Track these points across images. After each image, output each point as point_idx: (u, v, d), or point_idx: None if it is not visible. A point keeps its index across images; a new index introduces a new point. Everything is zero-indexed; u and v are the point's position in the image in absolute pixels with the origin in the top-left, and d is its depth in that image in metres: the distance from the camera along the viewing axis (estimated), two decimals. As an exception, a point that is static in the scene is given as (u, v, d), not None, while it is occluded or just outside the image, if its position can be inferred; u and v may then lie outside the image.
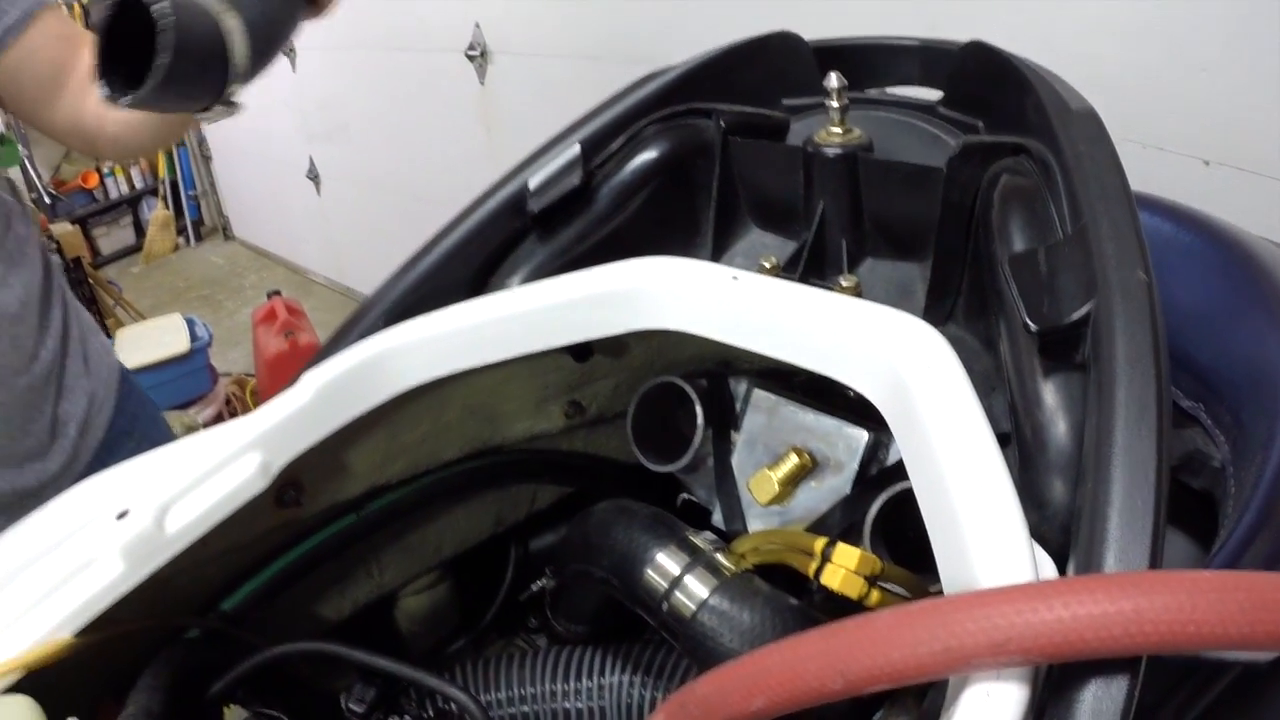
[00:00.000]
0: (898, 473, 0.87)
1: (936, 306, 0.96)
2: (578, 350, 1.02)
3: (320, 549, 1.00)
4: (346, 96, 5.13)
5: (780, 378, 0.98)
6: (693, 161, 1.11)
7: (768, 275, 0.93)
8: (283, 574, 0.99)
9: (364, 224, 5.69)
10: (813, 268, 1.04)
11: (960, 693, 0.52)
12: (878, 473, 0.92)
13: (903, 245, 1.00)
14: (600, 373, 1.10)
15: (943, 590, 0.63)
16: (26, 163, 6.84)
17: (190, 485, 0.84)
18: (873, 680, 0.50)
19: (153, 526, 0.80)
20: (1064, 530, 0.66)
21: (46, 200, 7.18)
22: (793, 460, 0.93)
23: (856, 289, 0.98)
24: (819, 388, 0.81)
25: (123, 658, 0.86)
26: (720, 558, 0.86)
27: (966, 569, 0.58)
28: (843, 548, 0.78)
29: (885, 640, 0.50)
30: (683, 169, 1.11)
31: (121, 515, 0.81)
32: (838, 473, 0.93)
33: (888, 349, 0.73)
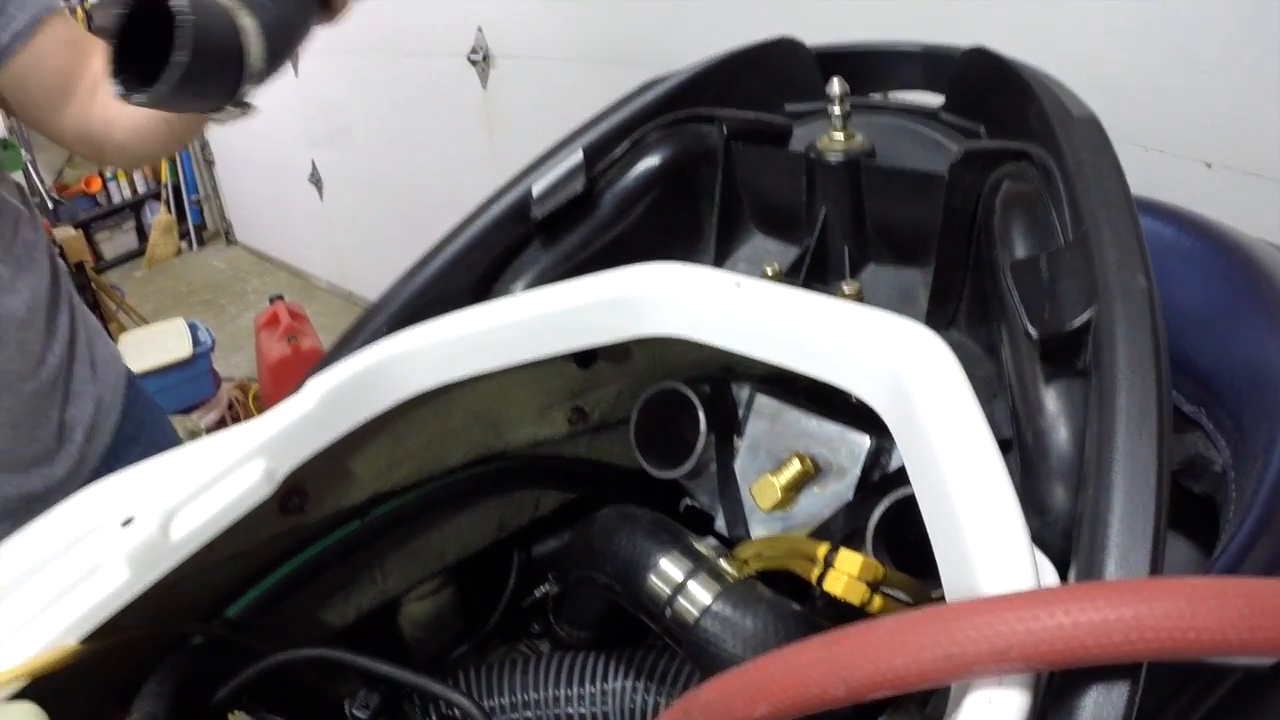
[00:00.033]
0: (900, 478, 0.87)
1: (938, 312, 0.96)
2: (581, 356, 1.03)
3: (324, 555, 1.01)
4: (349, 101, 5.13)
5: (783, 383, 0.98)
6: (696, 167, 1.11)
7: (771, 281, 0.93)
8: (287, 580, 0.99)
9: (366, 228, 5.69)
10: (815, 273, 1.04)
11: (962, 699, 0.52)
12: (880, 478, 0.92)
13: (905, 251, 1.00)
14: (603, 379, 1.10)
15: (944, 596, 0.64)
16: (30, 167, 6.85)
17: (195, 492, 0.84)
18: (875, 687, 0.50)
19: (158, 533, 0.81)
20: (1065, 536, 0.66)
21: (49, 205, 7.18)
22: (795, 466, 0.93)
23: (859, 295, 0.98)
24: (822, 393, 0.81)
25: (127, 664, 0.87)
26: (723, 564, 0.86)
27: (968, 575, 0.59)
28: (845, 554, 0.78)
29: (887, 647, 0.50)
30: (685, 175, 1.11)
31: (127, 522, 0.82)
32: (840, 478, 0.93)
33: (890, 355, 0.74)
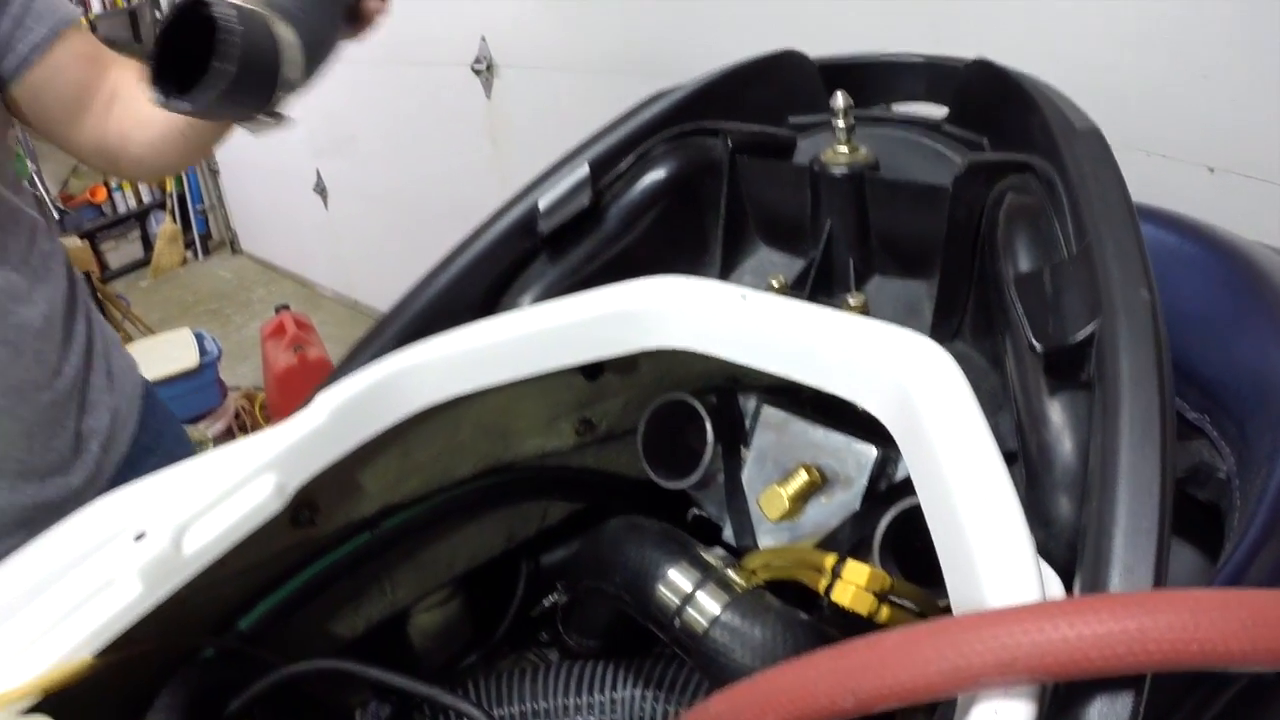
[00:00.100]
0: (906, 488, 0.87)
1: (943, 324, 0.96)
2: (588, 369, 1.03)
3: (335, 567, 1.01)
4: (353, 110, 5.13)
5: (789, 393, 0.99)
6: (701, 180, 1.12)
7: (776, 294, 0.93)
8: (298, 592, 0.99)
9: (371, 237, 5.69)
10: (821, 286, 1.04)
11: (968, 711, 0.52)
12: (886, 488, 0.93)
13: (909, 263, 1.01)
14: (610, 390, 1.11)
15: (951, 606, 0.64)
16: (35, 177, 6.86)
17: (207, 507, 0.84)
18: (883, 699, 0.51)
19: (170, 548, 0.81)
20: (1070, 547, 0.67)
21: (55, 215, 7.19)
22: (802, 477, 0.94)
23: (864, 307, 0.99)
24: (828, 403, 0.81)
25: (140, 678, 0.87)
26: (731, 574, 0.87)
27: (974, 587, 0.59)
28: (853, 564, 0.79)
29: (895, 660, 0.51)
30: (691, 188, 1.12)
31: (139, 537, 0.82)
32: (847, 488, 0.94)
33: (895, 367, 0.74)
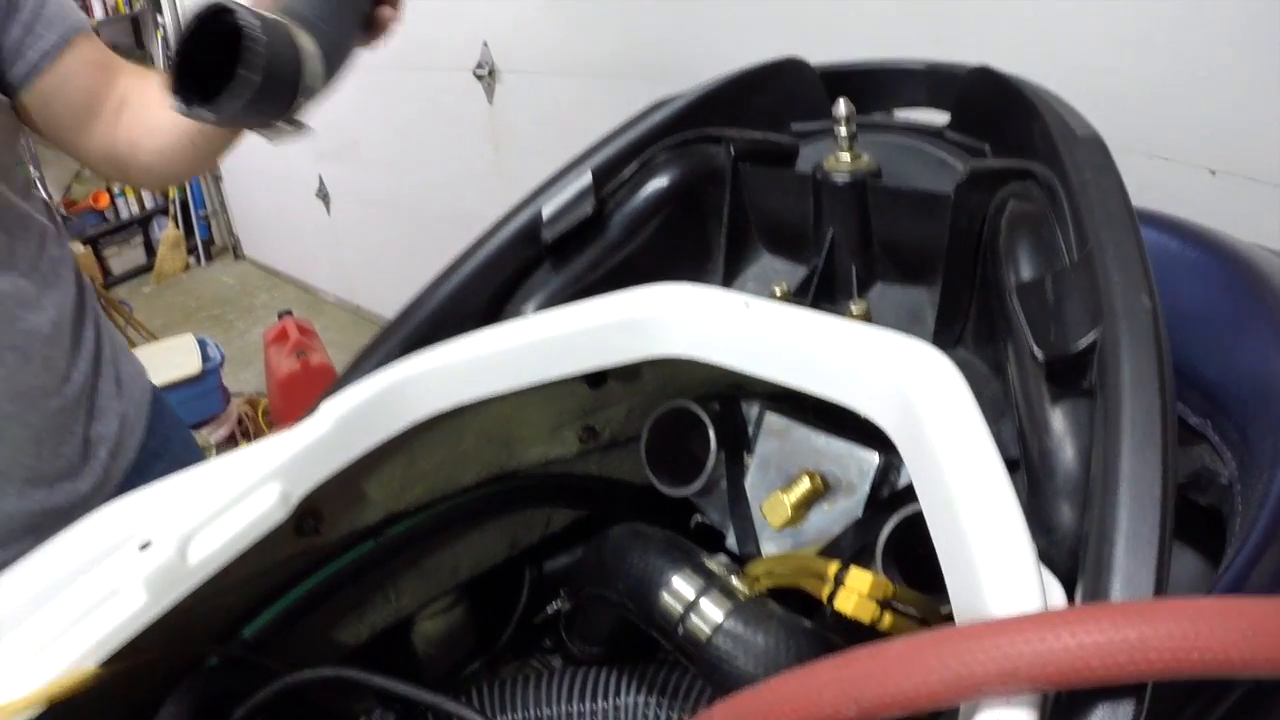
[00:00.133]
0: (909, 495, 0.87)
1: (945, 331, 0.96)
2: (592, 377, 1.03)
3: (339, 575, 1.01)
4: (355, 115, 5.14)
5: (792, 400, 0.99)
6: (704, 188, 1.12)
7: (779, 301, 0.94)
8: (302, 600, 1.00)
9: (374, 242, 5.70)
10: (823, 293, 1.04)
11: (971, 719, 0.53)
12: (889, 495, 0.93)
13: (912, 270, 1.01)
14: (614, 398, 1.11)
15: (953, 613, 0.64)
16: (38, 183, 6.86)
17: (212, 516, 0.85)
18: (886, 708, 0.51)
19: (175, 557, 0.81)
20: (1072, 555, 0.67)
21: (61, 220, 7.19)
22: (805, 484, 0.94)
23: (866, 314, 0.99)
24: (831, 410, 0.82)
25: (144, 686, 0.87)
26: (735, 581, 0.87)
27: (976, 595, 0.59)
28: (855, 572, 0.79)
29: (898, 669, 0.51)
30: (694, 196, 1.12)
31: (144, 546, 0.82)
32: (849, 495, 0.94)
33: (897, 375, 0.74)
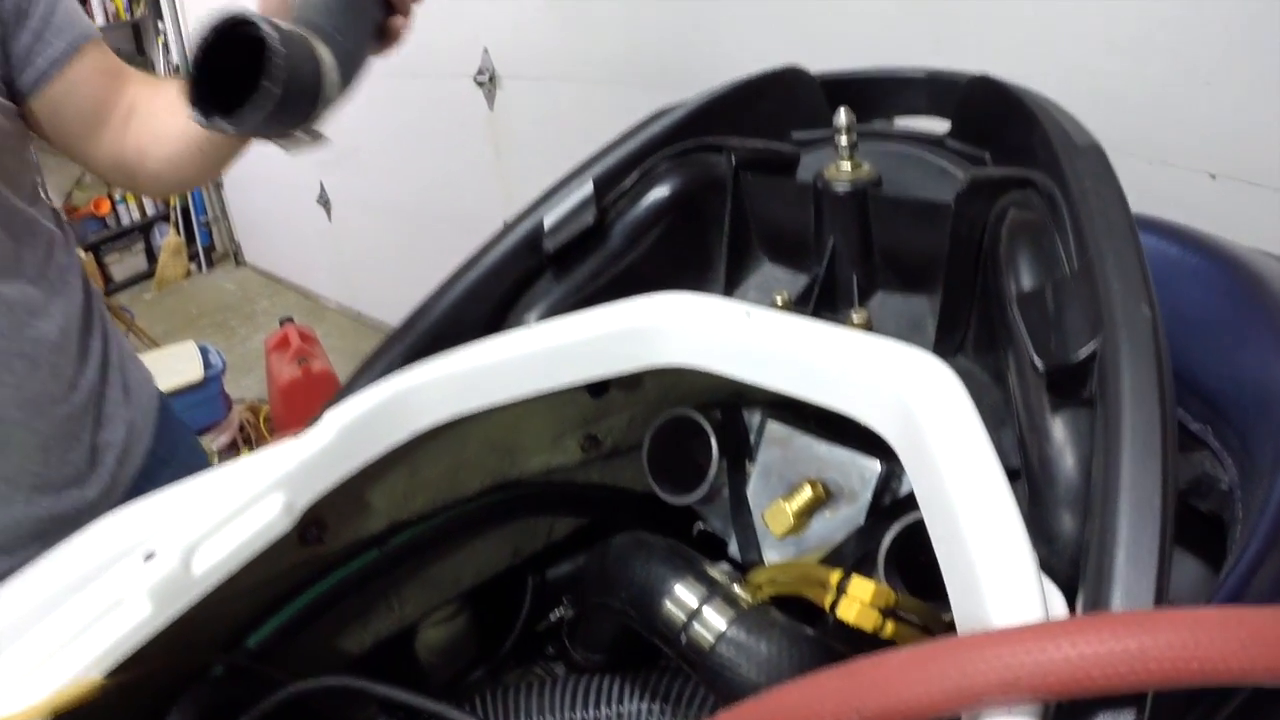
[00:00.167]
0: (911, 502, 0.88)
1: (946, 339, 0.97)
2: (594, 386, 1.04)
3: (343, 584, 1.02)
4: (356, 121, 5.11)
5: (793, 408, 0.99)
6: (705, 197, 1.12)
7: (780, 310, 0.94)
8: (306, 610, 1.00)
9: (375, 249, 5.70)
10: (824, 302, 1.05)
11: (973, 728, 0.53)
12: (891, 503, 0.93)
13: (913, 279, 1.01)
14: (615, 407, 1.11)
15: (955, 621, 0.65)
16: (40, 190, 6.86)
17: (216, 526, 0.85)
18: (888, 718, 0.52)
19: (180, 568, 0.82)
20: (1073, 563, 0.67)
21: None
22: (807, 492, 0.94)
23: (867, 323, 0.99)
24: (832, 418, 0.82)
25: (149, 696, 0.88)
26: (737, 589, 0.87)
27: (978, 604, 0.60)
28: (857, 581, 0.79)
29: (900, 679, 0.51)
30: (695, 205, 1.12)
31: (149, 557, 0.83)
32: (851, 503, 0.94)
33: (898, 384, 0.74)
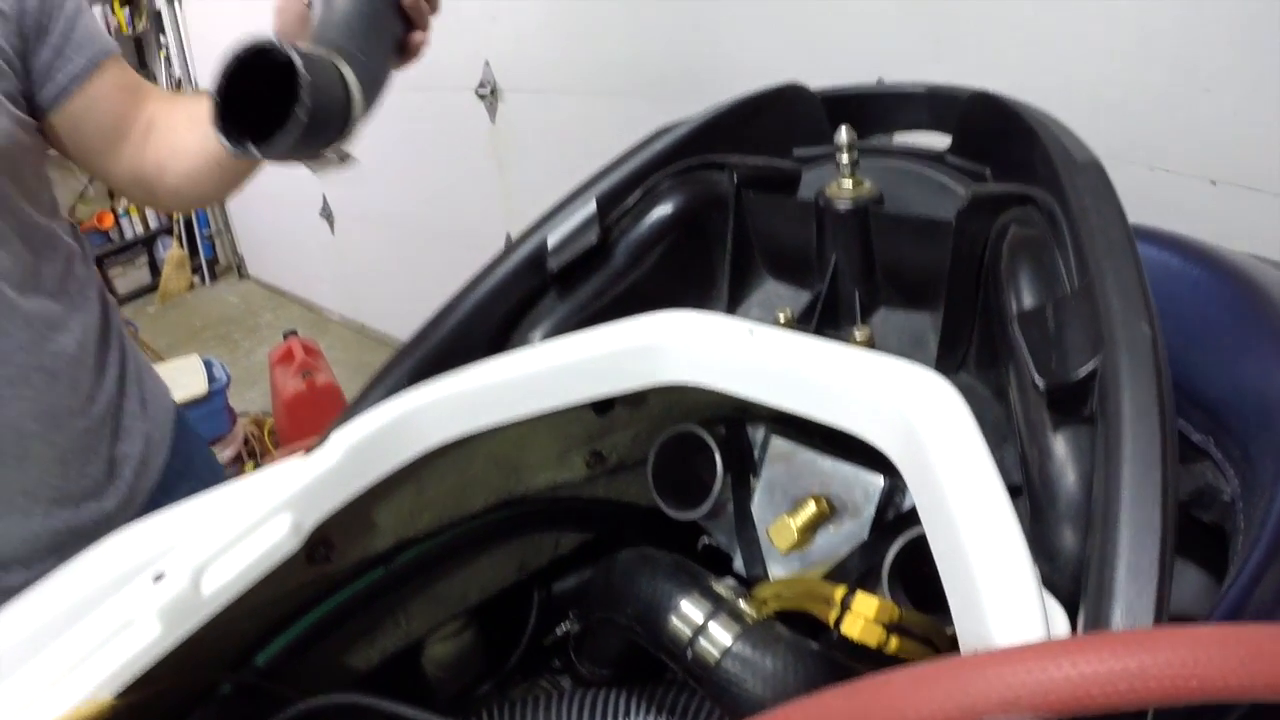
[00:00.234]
0: (914, 517, 0.88)
1: (948, 356, 0.97)
2: (598, 403, 1.04)
3: (350, 602, 1.02)
4: (358, 135, 5.14)
5: (797, 423, 0.99)
6: (707, 215, 1.13)
7: (783, 328, 0.94)
8: (314, 627, 1.00)
9: (378, 261, 5.71)
10: (827, 318, 1.05)
11: (976, 746, 0.54)
12: (894, 517, 0.94)
13: (915, 295, 1.02)
14: (620, 423, 1.12)
15: (957, 635, 0.65)
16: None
17: (224, 547, 0.85)
18: (892, 737, 0.52)
19: (189, 589, 0.82)
20: (1075, 579, 0.67)
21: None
22: (811, 508, 0.95)
23: (870, 340, 1.00)
24: (836, 433, 0.82)
25: (158, 715, 0.88)
26: (742, 605, 0.88)
27: (979, 621, 0.60)
28: (862, 596, 0.80)
29: (904, 698, 0.52)
30: (698, 222, 1.13)
31: (159, 578, 0.83)
32: (855, 517, 0.95)
33: (901, 402, 0.75)
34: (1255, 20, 1.86)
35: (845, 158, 1.01)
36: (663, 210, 1.12)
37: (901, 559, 0.86)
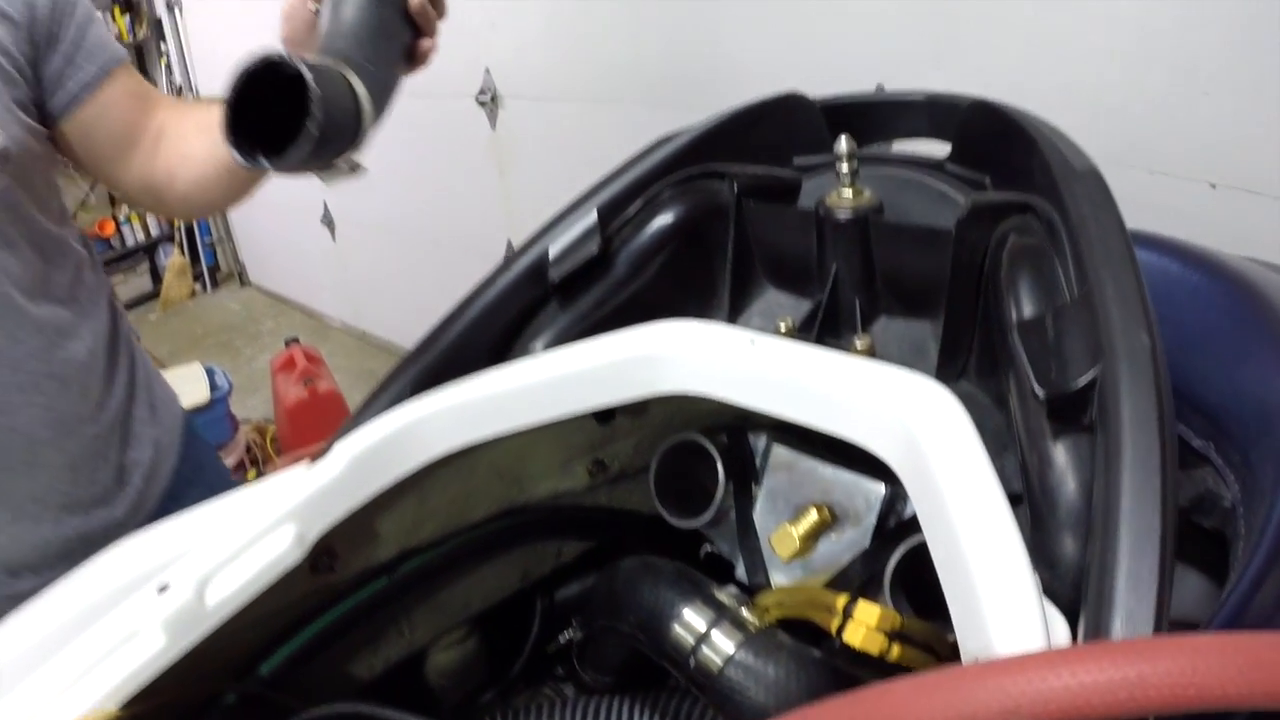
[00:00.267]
0: (915, 525, 0.89)
1: (949, 364, 0.97)
2: (600, 413, 1.05)
3: (354, 611, 1.02)
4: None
5: (799, 432, 0.99)
6: (708, 224, 1.13)
7: (784, 337, 0.95)
8: (318, 637, 1.01)
9: (379, 268, 5.71)
10: (828, 327, 1.06)
11: (977, 755, 0.54)
12: (896, 525, 0.94)
13: (915, 304, 1.02)
14: (622, 432, 1.12)
15: (958, 643, 0.66)
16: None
17: (229, 558, 0.86)
18: (893, 747, 0.52)
19: (193, 600, 0.83)
20: (1075, 587, 0.68)
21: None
22: (813, 516, 0.95)
23: (870, 349, 1.00)
24: (837, 441, 0.83)
25: (164, 725, 0.89)
26: (745, 613, 0.88)
27: (980, 630, 0.61)
28: (864, 605, 0.80)
29: (906, 708, 0.52)
30: (698, 232, 1.13)
31: (163, 589, 0.84)
32: (857, 525, 0.95)
33: (902, 411, 0.75)
34: (1255, 22, 1.86)
35: (845, 167, 1.02)
36: (663, 220, 1.12)
37: (903, 567, 0.87)
